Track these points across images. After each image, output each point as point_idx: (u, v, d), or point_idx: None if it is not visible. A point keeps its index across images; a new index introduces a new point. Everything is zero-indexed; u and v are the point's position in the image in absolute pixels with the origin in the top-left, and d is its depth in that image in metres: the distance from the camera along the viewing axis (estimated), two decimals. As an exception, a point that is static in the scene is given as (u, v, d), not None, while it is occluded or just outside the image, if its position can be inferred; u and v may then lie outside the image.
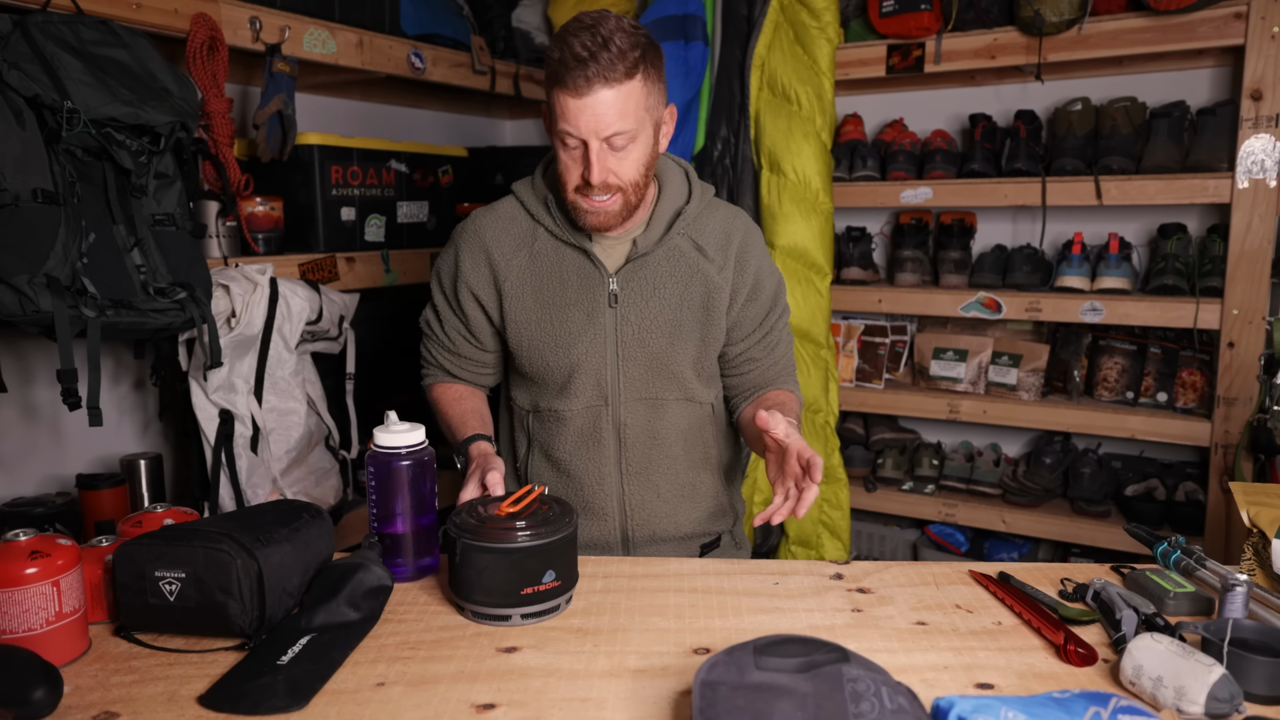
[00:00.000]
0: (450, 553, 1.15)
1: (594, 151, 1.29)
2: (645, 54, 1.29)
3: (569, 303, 1.41)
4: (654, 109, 1.34)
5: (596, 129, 1.28)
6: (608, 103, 1.26)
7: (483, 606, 1.12)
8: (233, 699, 0.94)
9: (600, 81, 1.25)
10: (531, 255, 1.44)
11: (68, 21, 1.47)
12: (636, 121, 1.30)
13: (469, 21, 2.53)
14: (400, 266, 2.24)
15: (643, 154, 1.34)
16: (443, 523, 1.22)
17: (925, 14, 2.43)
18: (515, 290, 1.43)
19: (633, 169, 1.33)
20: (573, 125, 1.28)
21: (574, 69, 1.25)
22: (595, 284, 1.41)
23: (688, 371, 1.45)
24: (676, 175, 1.49)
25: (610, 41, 1.25)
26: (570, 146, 1.31)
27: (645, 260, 1.42)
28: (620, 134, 1.29)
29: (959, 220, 2.67)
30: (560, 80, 1.27)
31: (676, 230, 1.43)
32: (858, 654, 0.86)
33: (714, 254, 1.44)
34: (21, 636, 0.99)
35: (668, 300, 1.42)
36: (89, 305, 1.41)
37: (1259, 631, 0.99)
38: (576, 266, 1.42)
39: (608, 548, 1.49)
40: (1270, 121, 2.14)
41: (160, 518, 1.20)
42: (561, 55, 1.26)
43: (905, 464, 2.82)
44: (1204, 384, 2.39)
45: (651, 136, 1.35)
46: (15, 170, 1.35)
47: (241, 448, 1.75)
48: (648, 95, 1.31)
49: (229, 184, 1.83)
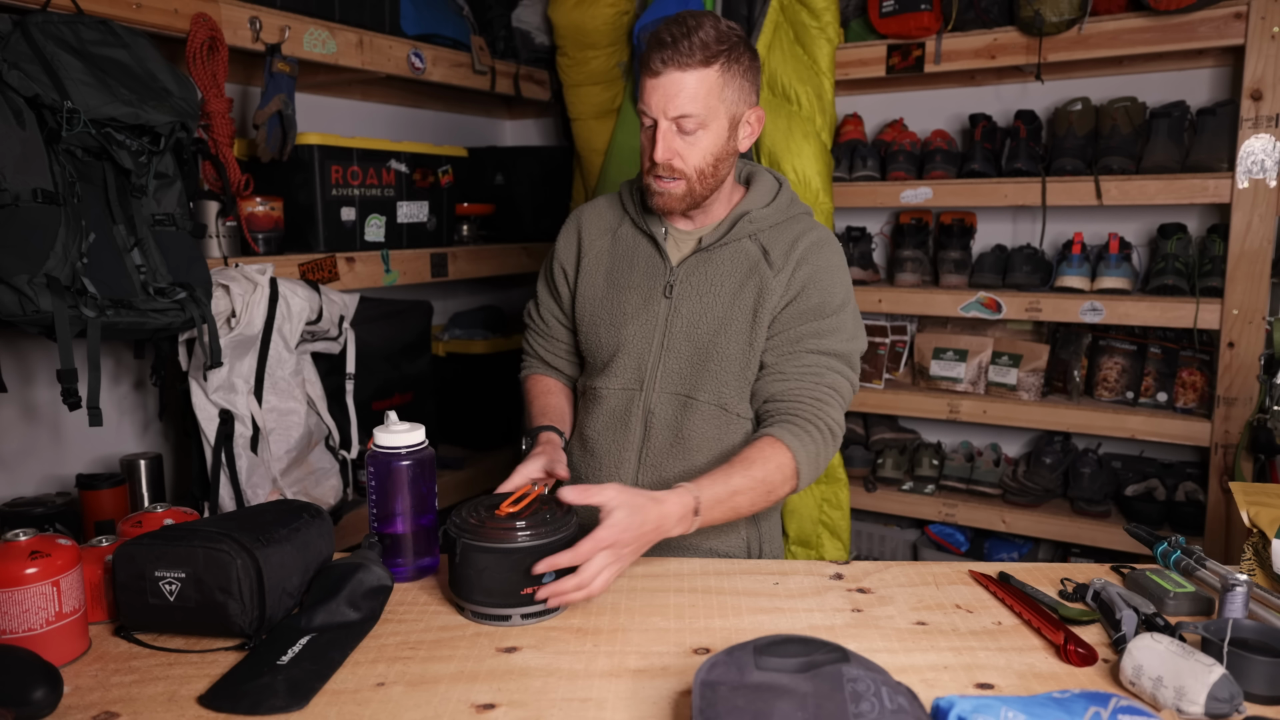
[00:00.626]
0: (450, 553, 1.15)
1: (661, 130, 1.34)
2: (732, 51, 1.33)
3: (631, 285, 1.47)
4: (732, 104, 1.36)
5: (665, 108, 1.33)
6: (678, 84, 1.32)
7: (483, 606, 1.12)
8: (233, 699, 0.94)
9: (674, 65, 1.31)
10: (614, 239, 1.52)
11: (68, 21, 1.47)
12: (706, 109, 1.33)
13: (469, 21, 2.53)
14: (400, 266, 2.24)
15: (713, 144, 1.37)
16: (443, 523, 1.22)
17: (925, 14, 2.43)
18: (591, 267, 1.52)
19: (699, 157, 1.36)
20: (646, 103, 1.35)
21: (654, 51, 1.32)
22: (657, 272, 1.46)
23: (726, 375, 1.41)
24: (766, 184, 1.48)
25: (695, 32, 1.31)
26: (645, 126, 1.38)
27: (708, 256, 1.44)
28: (688, 117, 1.33)
29: (959, 220, 2.67)
30: (644, 63, 1.35)
31: (745, 233, 1.43)
32: (858, 654, 0.87)
33: (777, 259, 1.41)
34: (21, 636, 0.99)
35: (720, 296, 1.42)
36: (89, 305, 1.41)
37: (1259, 631, 0.99)
38: (645, 255, 1.48)
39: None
40: (1270, 121, 2.14)
41: (160, 518, 1.20)
42: (651, 39, 1.34)
43: (905, 464, 2.82)
44: (1204, 384, 2.39)
45: (725, 130, 1.37)
46: (15, 170, 1.35)
47: (241, 448, 1.75)
48: (724, 87, 1.34)
49: (229, 184, 1.83)
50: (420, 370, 2.41)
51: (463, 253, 2.45)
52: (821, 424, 1.35)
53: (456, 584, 1.14)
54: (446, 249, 2.40)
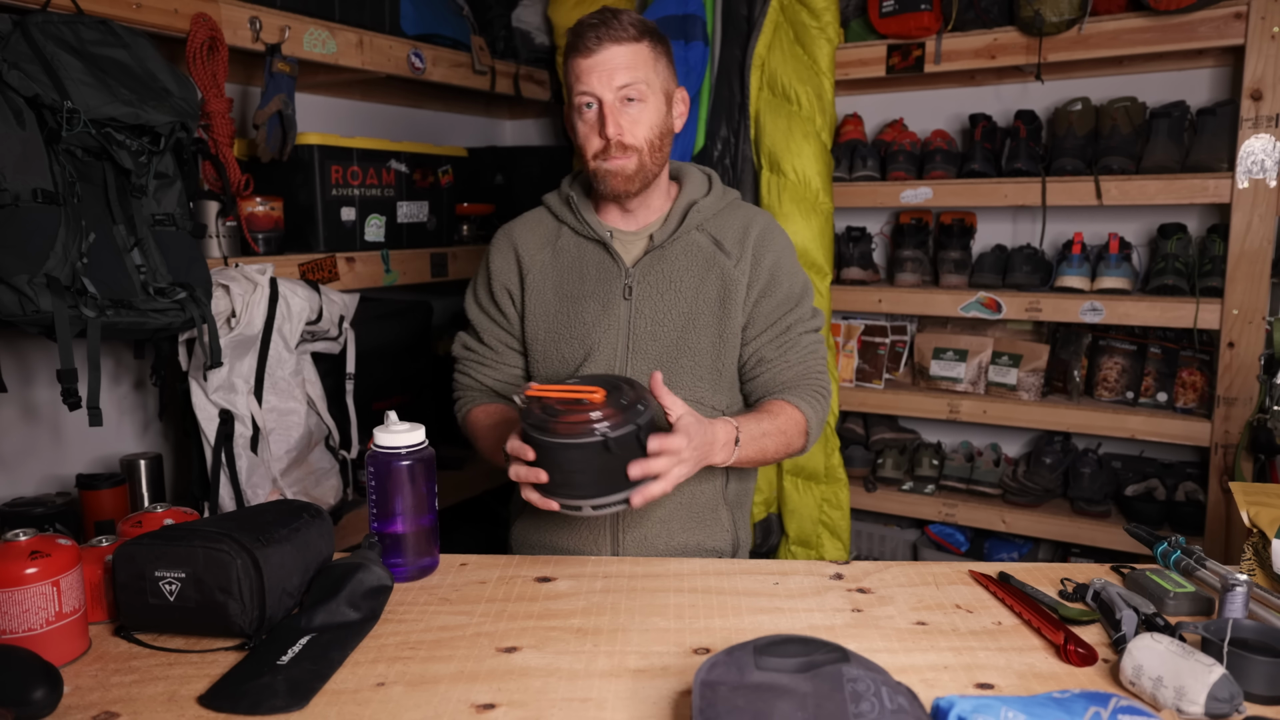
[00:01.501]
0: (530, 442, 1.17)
1: (608, 105, 1.37)
2: (653, 34, 1.41)
3: (586, 294, 1.45)
4: (664, 78, 1.41)
5: (609, 81, 1.36)
6: (617, 56, 1.36)
7: (553, 498, 1.17)
8: (233, 699, 0.94)
9: (609, 40, 1.36)
10: (555, 252, 1.50)
11: (68, 21, 1.47)
12: (646, 78, 1.37)
13: (469, 21, 2.53)
14: (400, 266, 2.24)
15: (655, 117, 1.40)
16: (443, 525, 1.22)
17: (925, 14, 2.43)
18: (537, 283, 1.49)
19: (645, 129, 1.39)
20: (586, 84, 1.37)
21: (585, 35, 1.37)
22: (612, 277, 1.45)
23: (699, 370, 1.44)
24: (698, 176, 1.52)
25: (620, 15, 1.38)
26: (587, 111, 1.39)
27: (662, 254, 1.44)
28: (630, 85, 1.36)
29: (959, 220, 2.67)
30: (574, 49, 1.38)
31: (693, 224, 1.45)
32: (858, 654, 0.87)
33: (731, 248, 1.46)
34: (21, 636, 0.99)
35: (683, 293, 1.43)
36: (89, 305, 1.41)
37: (1259, 631, 0.99)
38: (595, 260, 1.46)
39: (596, 551, 1.46)
40: (1270, 121, 2.14)
41: (160, 518, 1.20)
42: (576, 30, 1.39)
43: (905, 464, 2.82)
44: (1204, 384, 2.39)
45: (663, 104, 1.41)
46: (15, 170, 1.35)
47: (241, 448, 1.75)
48: (656, 60, 1.40)
49: (229, 184, 1.83)
50: (420, 370, 2.41)
51: (463, 253, 2.45)
52: (823, 391, 1.48)
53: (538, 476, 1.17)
54: (446, 249, 2.40)
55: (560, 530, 1.48)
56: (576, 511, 1.19)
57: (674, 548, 1.46)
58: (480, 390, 1.58)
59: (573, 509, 1.19)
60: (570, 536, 1.47)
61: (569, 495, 1.18)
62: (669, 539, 1.46)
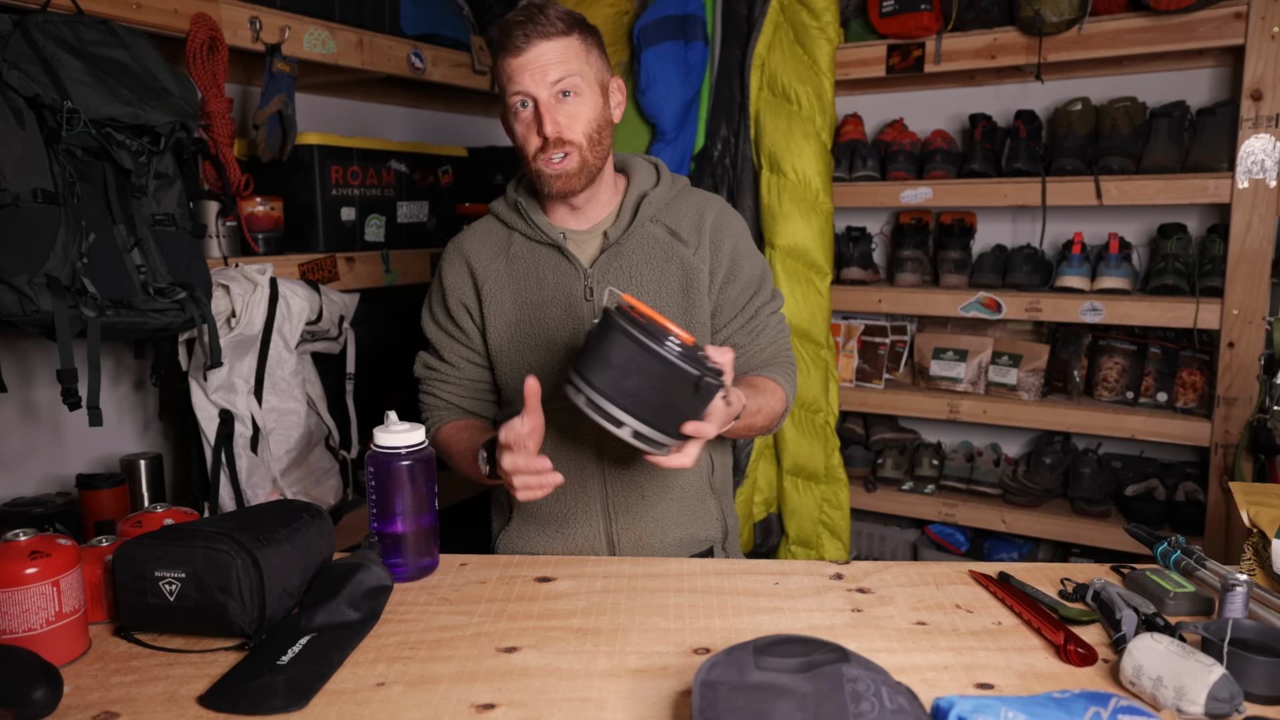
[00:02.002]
0: (597, 332, 1.11)
1: (543, 103, 1.33)
2: (582, 25, 1.37)
3: (546, 300, 1.43)
4: (598, 69, 1.39)
5: (542, 78, 1.33)
6: (548, 52, 1.32)
7: (609, 403, 1.09)
8: (233, 699, 0.94)
9: (538, 36, 1.32)
10: (508, 260, 1.46)
11: (68, 21, 1.47)
12: (579, 71, 1.35)
13: (469, 21, 2.53)
14: (400, 266, 2.24)
15: (592, 111, 1.37)
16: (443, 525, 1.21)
17: (925, 14, 2.43)
18: (494, 293, 1.45)
19: (584, 123, 1.36)
20: (519, 83, 1.34)
21: (513, 33, 1.33)
22: (571, 280, 1.42)
23: None
24: (644, 167, 1.50)
25: (545, 10, 1.34)
26: (522, 111, 1.36)
27: (619, 250, 1.42)
28: (563, 79, 1.33)
29: (959, 220, 2.67)
30: (502, 48, 1.34)
31: (646, 216, 1.43)
32: (858, 654, 0.86)
33: (688, 236, 1.44)
34: (21, 636, 0.99)
35: (645, 287, 1.41)
36: (89, 305, 1.41)
37: (1259, 631, 0.99)
38: (552, 265, 1.43)
39: (593, 553, 1.46)
40: (1270, 121, 2.14)
41: (160, 518, 1.20)
42: (502, 28, 1.35)
43: (905, 464, 2.82)
44: (1204, 384, 2.39)
45: (599, 96, 1.38)
46: (15, 170, 1.35)
47: (241, 448, 1.75)
48: (588, 53, 1.37)
49: (229, 184, 1.83)
50: (420, 370, 2.41)
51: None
52: (793, 368, 1.52)
53: (589, 367, 1.10)
54: (446, 249, 2.40)
55: (553, 536, 1.47)
56: (616, 426, 1.11)
57: (669, 544, 1.46)
58: (447, 408, 1.53)
59: (611, 420, 1.11)
60: (563, 543, 1.46)
61: (621, 406, 1.10)
62: (663, 535, 1.46)
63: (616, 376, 1.09)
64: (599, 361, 1.11)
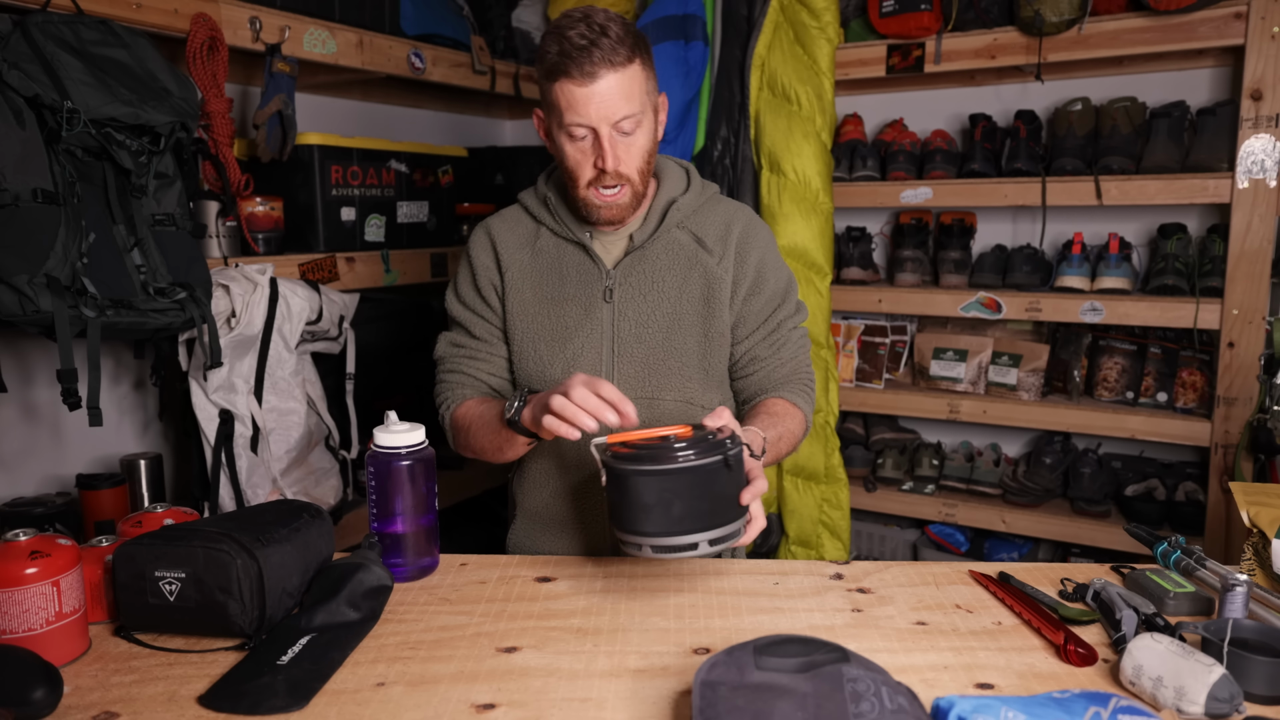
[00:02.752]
0: (615, 490, 1.09)
1: (605, 138, 1.30)
2: (638, 40, 1.32)
3: (566, 297, 1.42)
4: (652, 92, 1.36)
5: (607, 114, 1.28)
6: (615, 87, 1.27)
7: (668, 537, 1.06)
8: (233, 699, 0.94)
9: (606, 66, 1.26)
10: (534, 253, 1.46)
11: (68, 21, 1.47)
12: (641, 105, 1.32)
13: (469, 21, 2.53)
14: (400, 266, 2.24)
15: (647, 140, 1.36)
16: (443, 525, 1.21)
17: (925, 14, 2.43)
18: (516, 282, 1.45)
19: (639, 156, 1.35)
20: (582, 114, 1.28)
21: (578, 58, 1.26)
22: (593, 279, 1.42)
23: (688, 370, 1.42)
24: (676, 172, 1.49)
25: (607, 29, 1.27)
26: (579, 138, 1.32)
27: (643, 254, 1.42)
28: (628, 117, 1.30)
29: (959, 220, 2.67)
30: (564, 71, 1.27)
31: (673, 222, 1.43)
32: (858, 654, 0.87)
33: (714, 245, 1.43)
34: (21, 636, 0.99)
35: (666, 293, 1.41)
36: (89, 305, 1.41)
37: (1259, 631, 0.99)
38: (575, 262, 1.43)
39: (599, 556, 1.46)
40: (1270, 121, 2.14)
41: (160, 518, 1.20)
42: (561, 48, 1.27)
43: (905, 464, 2.82)
44: (1204, 384, 2.39)
45: (653, 122, 1.37)
46: (15, 170, 1.35)
47: (241, 448, 1.75)
48: (647, 79, 1.34)
49: (229, 184, 1.83)
50: (420, 370, 2.41)
51: (463, 253, 2.45)
52: (812, 385, 1.50)
53: (631, 520, 1.07)
54: (446, 249, 2.40)
55: (559, 539, 1.47)
56: (693, 551, 1.07)
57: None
58: (474, 384, 1.49)
59: (684, 550, 1.07)
60: (569, 545, 1.46)
61: (683, 532, 1.06)
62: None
63: (660, 513, 1.06)
64: (637, 510, 1.07)
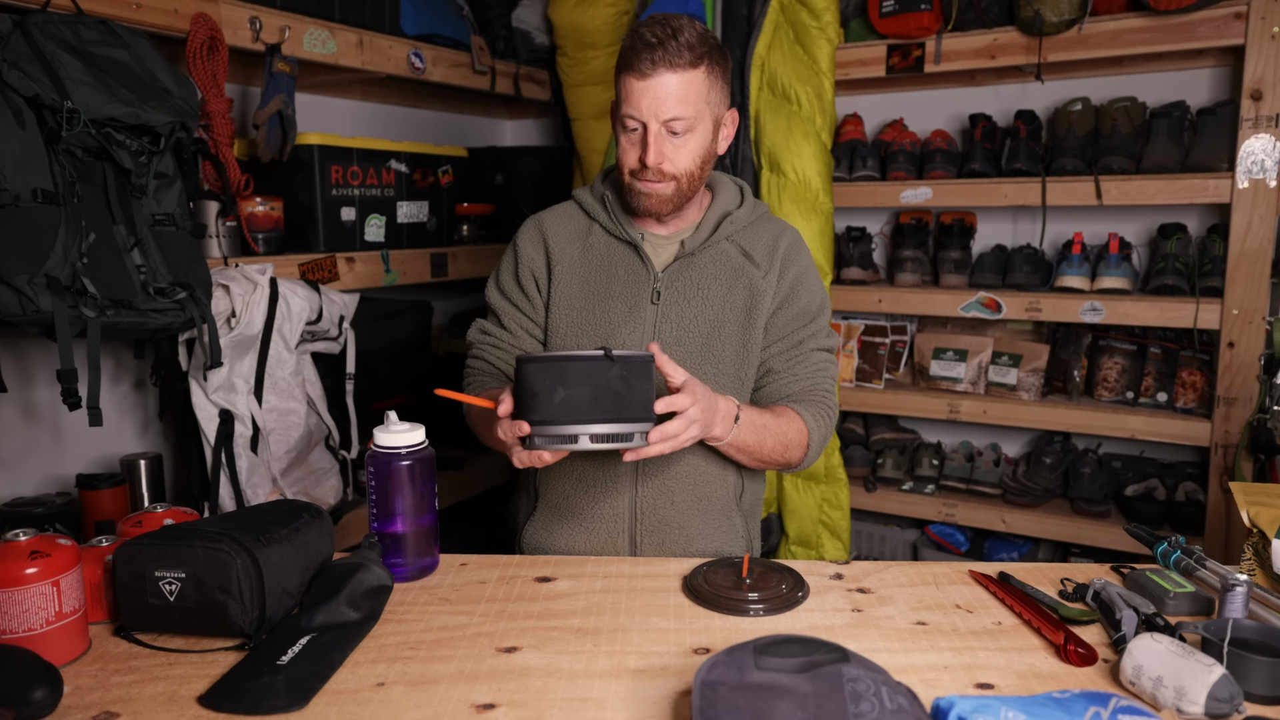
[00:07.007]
0: (520, 380, 1.15)
1: (652, 133, 1.33)
2: (712, 52, 1.35)
3: (613, 295, 1.44)
4: (715, 105, 1.38)
5: (657, 111, 1.32)
6: (669, 86, 1.31)
7: (550, 426, 1.13)
8: (233, 699, 0.94)
9: (665, 65, 1.30)
10: (585, 248, 1.48)
11: (68, 21, 1.47)
12: (696, 110, 1.34)
13: (469, 21, 2.53)
14: (400, 266, 2.24)
15: (700, 146, 1.37)
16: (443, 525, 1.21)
17: (925, 14, 2.43)
18: (564, 276, 1.47)
19: (688, 159, 1.36)
20: (634, 107, 1.33)
21: (641, 53, 1.31)
22: (641, 280, 1.44)
23: (723, 377, 1.42)
24: (730, 188, 1.51)
25: (680, 33, 1.31)
26: (630, 129, 1.36)
27: (692, 261, 1.44)
28: (679, 119, 1.32)
29: (959, 220, 2.67)
30: (627, 64, 1.32)
31: (724, 234, 1.45)
32: (858, 654, 0.87)
33: (761, 259, 1.45)
34: (21, 636, 0.99)
35: (710, 301, 1.42)
36: (89, 305, 1.41)
37: (1259, 631, 0.99)
38: (625, 262, 1.45)
39: (614, 553, 1.45)
40: (1270, 121, 2.14)
41: (160, 518, 1.20)
42: (632, 43, 1.32)
43: (905, 464, 2.82)
44: (1204, 384, 2.39)
45: (710, 131, 1.38)
46: (15, 170, 1.35)
47: (241, 448, 1.75)
48: (709, 89, 1.35)
49: (229, 184, 1.83)
50: (420, 370, 2.41)
51: (463, 253, 2.45)
52: (828, 408, 1.46)
53: (520, 408, 1.14)
54: (446, 249, 2.40)
55: (576, 533, 1.46)
56: (572, 444, 1.14)
57: (692, 553, 1.45)
58: (492, 374, 1.52)
59: (566, 439, 1.13)
60: (586, 539, 1.46)
61: (566, 421, 1.13)
62: (688, 544, 1.44)
63: (544, 403, 1.12)
64: (526, 400, 1.14)
